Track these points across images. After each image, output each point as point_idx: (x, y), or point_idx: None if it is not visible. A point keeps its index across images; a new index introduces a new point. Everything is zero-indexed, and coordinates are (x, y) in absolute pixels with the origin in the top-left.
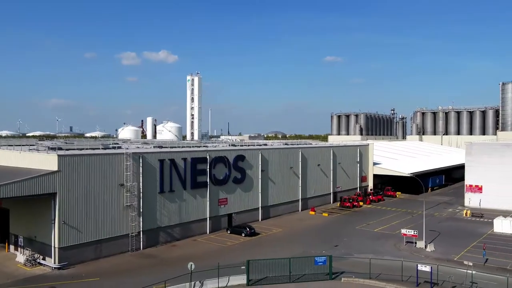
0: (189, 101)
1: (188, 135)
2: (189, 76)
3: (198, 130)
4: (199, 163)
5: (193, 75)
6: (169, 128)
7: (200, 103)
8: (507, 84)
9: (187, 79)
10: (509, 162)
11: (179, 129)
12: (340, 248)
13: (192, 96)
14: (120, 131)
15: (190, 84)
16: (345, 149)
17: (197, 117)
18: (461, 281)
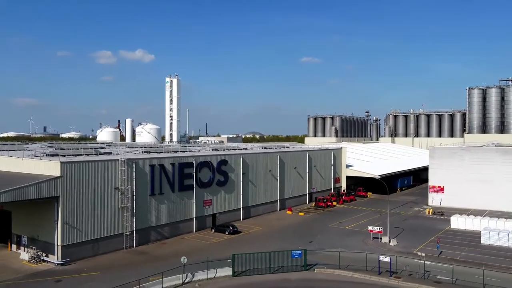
0: (168, 103)
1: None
2: (167, 78)
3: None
4: (186, 167)
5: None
6: (148, 130)
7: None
8: (473, 89)
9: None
10: (467, 164)
11: (158, 131)
12: (314, 243)
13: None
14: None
15: (168, 85)
16: (320, 152)
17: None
18: (416, 270)
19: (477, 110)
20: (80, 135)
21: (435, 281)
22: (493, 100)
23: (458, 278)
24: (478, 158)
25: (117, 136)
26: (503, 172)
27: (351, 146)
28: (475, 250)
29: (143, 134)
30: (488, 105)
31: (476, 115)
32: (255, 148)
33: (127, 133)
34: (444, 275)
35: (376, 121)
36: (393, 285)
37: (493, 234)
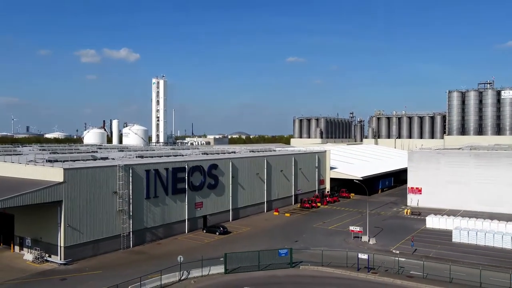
0: (154, 104)
1: (153, 137)
2: (154, 79)
3: (164, 133)
4: (179, 172)
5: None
6: (135, 131)
7: (165, 106)
8: (453, 92)
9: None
10: (443, 167)
11: (145, 132)
12: (299, 242)
13: (157, 99)
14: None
15: (155, 86)
16: (305, 155)
17: (163, 119)
18: (392, 266)
19: (456, 113)
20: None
21: (408, 276)
22: (472, 103)
23: (428, 273)
24: (453, 161)
25: (103, 137)
26: (475, 174)
27: (335, 148)
28: (446, 247)
29: (130, 135)
30: (467, 108)
31: (456, 117)
32: (243, 151)
33: (113, 135)
34: (417, 270)
35: (360, 122)
36: (370, 280)
37: (463, 233)
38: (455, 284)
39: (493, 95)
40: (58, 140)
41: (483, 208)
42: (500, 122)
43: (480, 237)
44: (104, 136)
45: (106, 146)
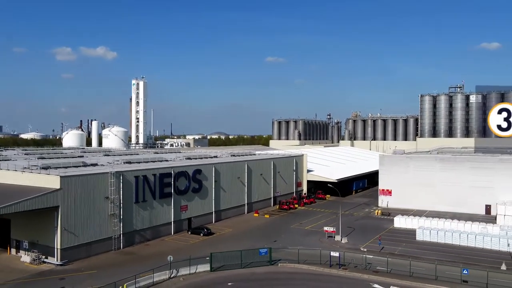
0: (134, 105)
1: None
2: (134, 80)
3: (144, 134)
4: (165, 177)
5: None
6: (115, 132)
7: (145, 107)
8: (425, 96)
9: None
10: (411, 170)
11: (125, 133)
12: (278, 242)
13: (137, 100)
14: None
15: (135, 87)
16: (284, 159)
17: (143, 120)
18: (360, 263)
19: (428, 116)
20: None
21: (374, 271)
22: (443, 106)
23: (392, 269)
24: (421, 165)
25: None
26: (441, 177)
27: (312, 151)
28: (411, 245)
29: (110, 136)
30: (438, 111)
31: (427, 120)
32: (224, 155)
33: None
34: (382, 266)
35: (337, 123)
36: (341, 275)
37: (425, 232)
38: (415, 278)
39: (462, 99)
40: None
41: (447, 209)
42: (468, 125)
43: (440, 236)
44: (84, 138)
45: (89, 149)
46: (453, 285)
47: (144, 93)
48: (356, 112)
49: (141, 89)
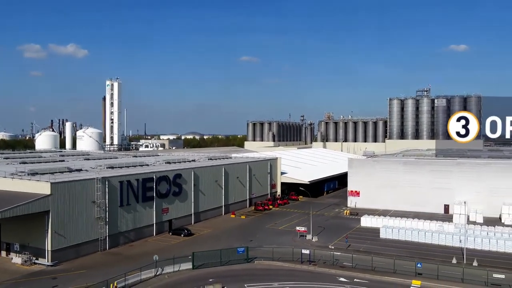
0: (108, 106)
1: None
2: (108, 81)
3: (118, 135)
4: (148, 182)
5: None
6: (90, 134)
7: (120, 108)
8: (393, 99)
9: (107, 84)
10: (377, 173)
11: (99, 135)
12: (254, 241)
13: (111, 101)
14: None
15: (109, 88)
16: (259, 163)
17: (117, 121)
18: (329, 259)
19: (396, 119)
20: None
21: (341, 266)
22: (410, 110)
23: (357, 264)
24: (386, 168)
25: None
26: (404, 179)
27: (286, 153)
28: (375, 243)
29: (85, 138)
30: (405, 114)
31: (396, 123)
32: (202, 159)
33: (67, 138)
34: (348, 261)
35: (310, 125)
36: (311, 270)
37: (388, 230)
38: (376, 271)
39: (428, 103)
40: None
41: (410, 208)
42: (434, 128)
43: (401, 233)
44: (57, 139)
45: (67, 152)
46: (408, 277)
47: (119, 94)
48: (329, 113)
49: (115, 90)
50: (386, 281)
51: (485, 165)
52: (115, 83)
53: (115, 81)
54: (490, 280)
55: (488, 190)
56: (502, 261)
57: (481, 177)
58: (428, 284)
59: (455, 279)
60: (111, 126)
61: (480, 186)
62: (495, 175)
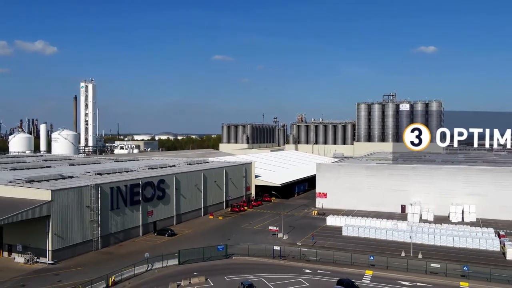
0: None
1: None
2: (83, 83)
3: (93, 136)
4: (135, 187)
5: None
6: (65, 136)
7: (94, 110)
8: (361, 104)
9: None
10: (342, 177)
11: (75, 137)
12: (231, 240)
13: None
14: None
15: (84, 90)
16: (234, 167)
17: (91, 123)
18: (297, 255)
19: (363, 122)
20: None
21: (307, 260)
22: (376, 114)
23: (321, 258)
24: (350, 172)
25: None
26: (366, 182)
27: (259, 155)
28: (337, 240)
29: (60, 140)
30: (372, 118)
31: (363, 126)
32: (182, 163)
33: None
34: (313, 256)
35: (283, 127)
36: (281, 264)
37: (349, 229)
38: (336, 264)
39: (393, 108)
40: None
41: (372, 208)
42: (398, 131)
43: (361, 231)
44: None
45: (49, 157)
46: (362, 268)
47: (94, 95)
48: (301, 115)
49: (90, 91)
50: (344, 272)
51: (436, 169)
52: (89, 85)
53: (89, 83)
54: (428, 269)
55: (439, 191)
56: (443, 254)
57: (433, 180)
58: (378, 273)
59: (401, 269)
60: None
61: (431, 188)
62: (445, 178)
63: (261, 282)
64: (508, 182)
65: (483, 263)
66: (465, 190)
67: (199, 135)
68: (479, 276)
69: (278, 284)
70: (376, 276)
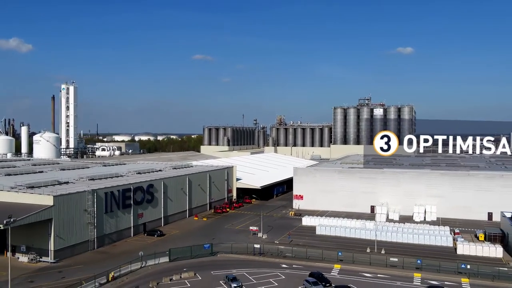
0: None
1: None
2: (63, 85)
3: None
4: (126, 192)
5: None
6: (47, 138)
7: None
8: (337, 108)
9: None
10: (317, 180)
11: (56, 139)
12: (216, 239)
13: (67, 105)
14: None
15: (65, 92)
16: (217, 171)
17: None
18: (275, 252)
19: (340, 126)
20: None
21: (284, 256)
22: (352, 118)
23: (296, 254)
24: (324, 176)
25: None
26: (339, 185)
27: (240, 158)
28: (312, 238)
29: (42, 142)
30: (348, 122)
31: (339, 129)
32: (167, 168)
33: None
34: (289, 253)
35: (262, 128)
36: (261, 260)
37: (322, 228)
38: (309, 259)
39: (367, 112)
40: None
41: (344, 209)
42: (372, 134)
43: (332, 230)
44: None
45: (38, 161)
46: (332, 263)
47: (75, 97)
48: (281, 116)
49: (71, 93)
50: (315, 266)
51: (402, 173)
52: (70, 87)
53: (70, 85)
54: (388, 263)
55: (404, 193)
56: (403, 249)
57: (399, 183)
58: (345, 267)
59: (365, 263)
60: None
61: (398, 190)
62: (409, 181)
63: (243, 276)
64: (464, 184)
65: (436, 257)
66: (427, 192)
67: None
68: (430, 268)
69: (258, 277)
70: (343, 269)
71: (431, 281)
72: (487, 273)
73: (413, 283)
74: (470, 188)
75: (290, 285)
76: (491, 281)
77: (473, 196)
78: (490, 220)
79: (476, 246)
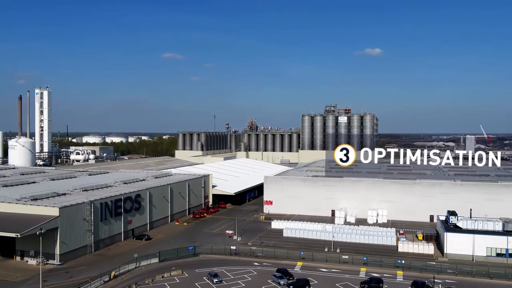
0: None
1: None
2: (37, 89)
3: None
4: (118, 201)
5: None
6: (23, 143)
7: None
8: (305, 116)
9: (36, 92)
10: (285, 187)
11: (32, 144)
12: (197, 242)
13: (41, 109)
14: None
15: (39, 97)
16: (195, 180)
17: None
18: (248, 252)
19: (307, 132)
20: None
21: (256, 256)
22: (318, 125)
23: (265, 254)
24: (292, 184)
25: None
26: (304, 192)
27: (214, 164)
28: (279, 240)
29: (17, 147)
30: (315, 128)
31: (307, 135)
32: (149, 177)
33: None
34: (260, 253)
35: (234, 132)
36: (237, 259)
37: (288, 230)
38: (277, 258)
39: (333, 119)
40: None
41: (309, 213)
42: (337, 140)
43: (297, 232)
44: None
45: (24, 170)
46: (295, 260)
47: (49, 102)
48: (252, 119)
49: (45, 98)
50: (282, 263)
51: (359, 181)
52: (44, 92)
53: (44, 90)
54: (341, 260)
55: (360, 199)
56: (354, 248)
57: (356, 190)
58: (306, 264)
59: (322, 260)
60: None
61: (355, 196)
62: (365, 188)
63: (222, 272)
64: (411, 191)
65: (380, 254)
66: (380, 197)
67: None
68: (374, 263)
69: (235, 273)
70: (304, 266)
71: (373, 274)
72: (417, 267)
73: (359, 276)
74: (416, 194)
75: (261, 279)
76: (419, 272)
77: (418, 201)
78: (432, 222)
79: (413, 244)
